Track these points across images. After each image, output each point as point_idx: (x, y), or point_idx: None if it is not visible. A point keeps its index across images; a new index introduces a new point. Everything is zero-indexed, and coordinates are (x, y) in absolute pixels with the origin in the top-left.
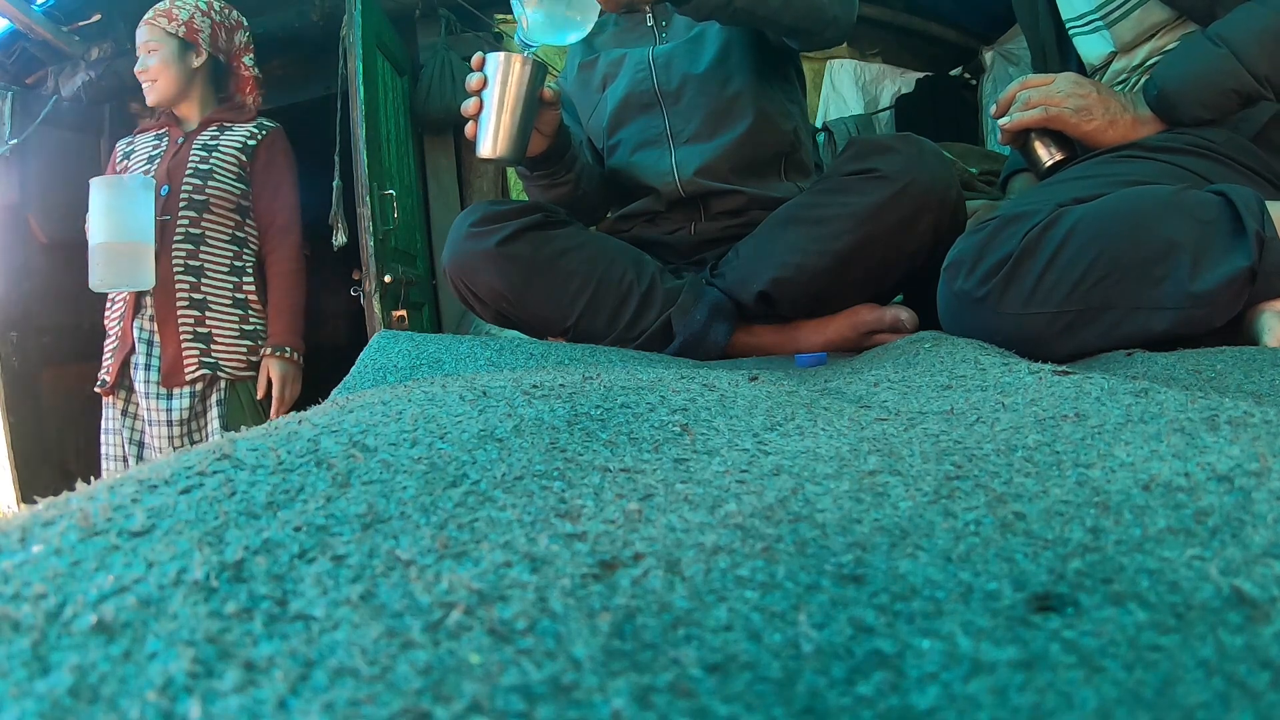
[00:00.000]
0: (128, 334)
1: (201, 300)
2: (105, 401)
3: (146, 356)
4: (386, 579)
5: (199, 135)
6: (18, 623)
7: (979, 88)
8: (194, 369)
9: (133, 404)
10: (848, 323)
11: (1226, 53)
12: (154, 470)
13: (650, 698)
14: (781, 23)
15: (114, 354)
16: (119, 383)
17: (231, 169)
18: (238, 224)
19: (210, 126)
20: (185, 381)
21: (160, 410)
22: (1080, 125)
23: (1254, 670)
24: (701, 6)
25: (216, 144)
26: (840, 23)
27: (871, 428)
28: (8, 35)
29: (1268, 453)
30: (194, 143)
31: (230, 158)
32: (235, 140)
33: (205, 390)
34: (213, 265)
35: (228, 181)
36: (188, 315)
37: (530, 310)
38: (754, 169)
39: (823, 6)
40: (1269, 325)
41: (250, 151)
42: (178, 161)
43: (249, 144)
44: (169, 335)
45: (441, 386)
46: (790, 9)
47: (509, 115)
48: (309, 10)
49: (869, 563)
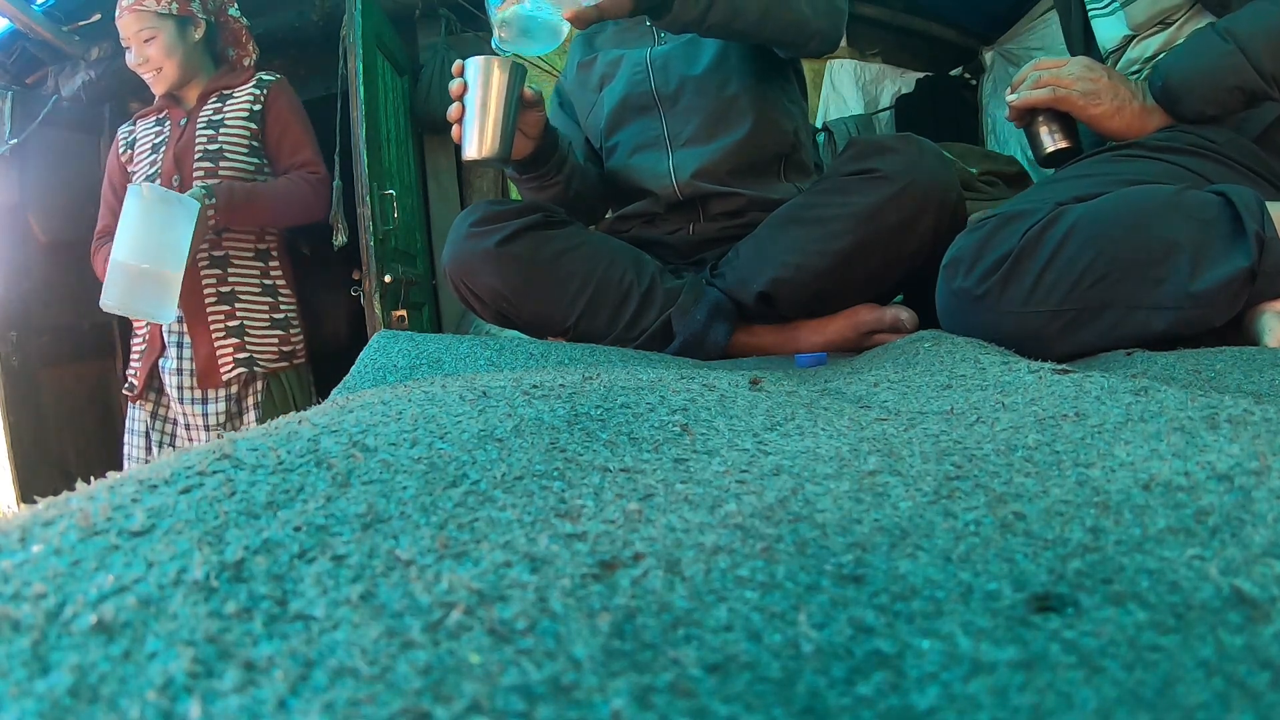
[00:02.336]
0: (157, 335)
1: (230, 292)
2: (132, 404)
3: (178, 360)
4: (386, 579)
5: (200, 111)
6: (18, 622)
7: (979, 88)
8: (230, 367)
9: (163, 406)
10: (848, 323)
11: (1234, 49)
12: (154, 470)
13: (650, 698)
14: (761, 37)
15: (143, 356)
16: (148, 385)
17: (242, 142)
18: None
19: (210, 99)
20: (222, 382)
21: (196, 415)
22: (1087, 108)
23: (1254, 670)
24: (675, 21)
25: (221, 118)
26: (825, 36)
27: (871, 428)
28: (8, 35)
29: (1268, 451)
30: (197, 121)
31: (238, 130)
32: (239, 109)
33: (241, 391)
34: (238, 252)
35: (240, 158)
36: (218, 310)
37: (530, 310)
38: (753, 171)
39: (804, 21)
40: (1269, 325)
41: (258, 117)
42: (183, 147)
43: (255, 109)
44: (200, 333)
45: (441, 386)
46: (769, 24)
47: (491, 117)
48: (309, 10)
49: (869, 563)
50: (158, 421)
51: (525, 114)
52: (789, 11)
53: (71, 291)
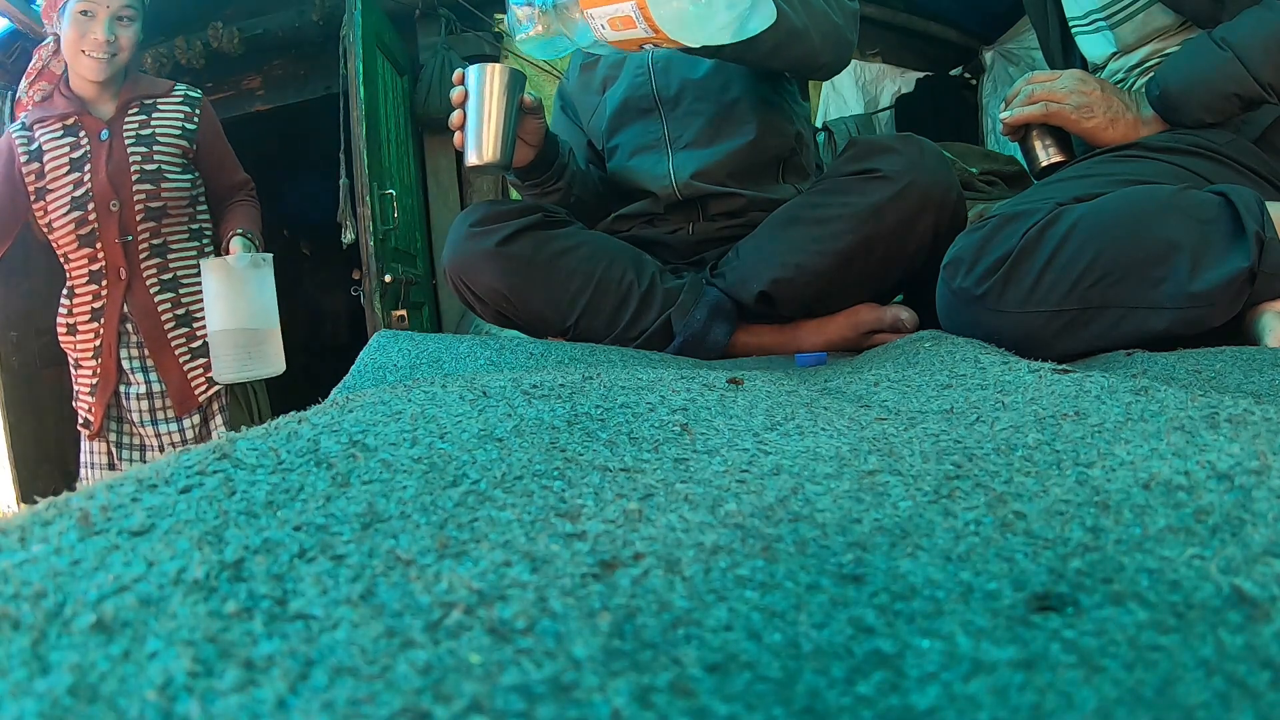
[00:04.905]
0: (110, 370)
1: (185, 315)
2: (88, 441)
3: (146, 384)
4: (386, 578)
5: (123, 121)
6: (18, 622)
7: (979, 88)
8: (203, 388)
9: (126, 434)
10: (848, 322)
11: (1230, 56)
12: (154, 470)
13: (650, 697)
14: (770, 67)
15: (96, 391)
16: (105, 423)
17: (177, 160)
18: (190, 216)
19: (131, 108)
20: (199, 403)
21: (170, 434)
22: (1080, 122)
23: (1254, 670)
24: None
25: (151, 133)
26: (831, 67)
27: (871, 427)
28: (8, 35)
29: (1268, 451)
30: (123, 134)
31: (173, 148)
32: (171, 125)
33: (208, 406)
34: (185, 271)
35: (177, 176)
36: (178, 334)
37: (530, 310)
38: (752, 173)
39: (813, 54)
40: (1269, 325)
41: (192, 137)
42: (116, 166)
43: (189, 128)
44: (166, 359)
45: (441, 386)
46: (778, 57)
47: (492, 123)
48: (309, 10)
49: (869, 562)
50: (124, 451)
51: (525, 121)
52: (798, 46)
53: None
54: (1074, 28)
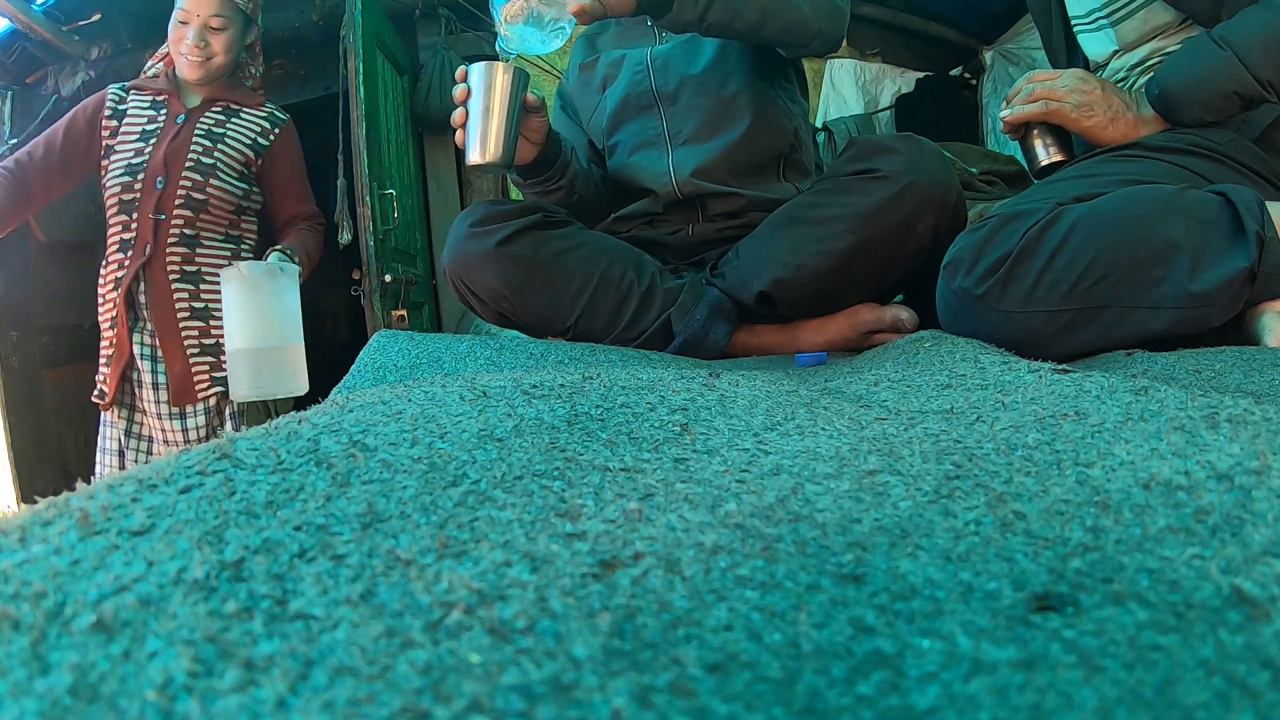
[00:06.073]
0: (124, 343)
1: (203, 309)
2: (104, 418)
3: (153, 374)
4: (386, 578)
5: (202, 115)
6: (18, 622)
7: (979, 88)
8: (205, 385)
9: (137, 423)
10: (848, 322)
11: (1230, 55)
12: (154, 470)
13: (650, 697)
14: (760, 37)
15: (110, 362)
16: (119, 399)
17: (236, 166)
18: (233, 223)
19: (214, 106)
20: (197, 398)
21: (175, 430)
22: (1080, 121)
23: (1254, 670)
24: (675, 21)
25: (223, 133)
26: (826, 35)
27: (871, 427)
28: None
29: (1268, 451)
30: (196, 125)
31: (237, 154)
32: (245, 133)
33: (220, 403)
34: (210, 270)
35: (230, 181)
36: (191, 326)
37: (530, 310)
38: (752, 170)
39: (804, 21)
40: (1269, 325)
41: (263, 151)
42: (176, 148)
43: (260, 143)
44: (174, 351)
45: (441, 386)
46: (769, 24)
47: (495, 121)
48: (309, 10)
49: (869, 562)
50: (132, 440)
51: (528, 119)
52: (788, 12)
53: (71, 291)
54: (1076, 26)
